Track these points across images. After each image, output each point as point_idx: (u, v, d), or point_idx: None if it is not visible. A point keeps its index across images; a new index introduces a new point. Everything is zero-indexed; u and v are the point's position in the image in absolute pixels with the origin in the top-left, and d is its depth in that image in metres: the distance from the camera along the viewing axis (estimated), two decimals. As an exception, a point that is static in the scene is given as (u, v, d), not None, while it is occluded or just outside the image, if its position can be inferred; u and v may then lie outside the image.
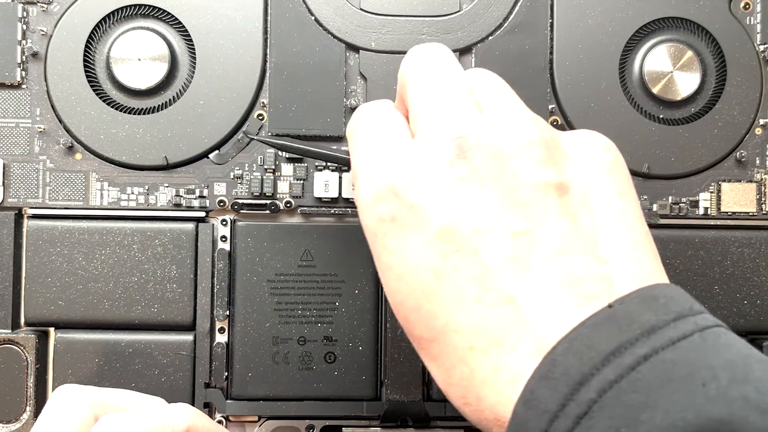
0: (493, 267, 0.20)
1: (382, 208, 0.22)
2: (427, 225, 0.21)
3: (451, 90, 0.23)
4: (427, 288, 0.21)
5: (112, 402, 0.28)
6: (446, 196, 0.21)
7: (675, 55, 0.35)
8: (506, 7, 0.35)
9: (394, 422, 0.34)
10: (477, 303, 0.20)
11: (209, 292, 0.34)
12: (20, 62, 0.34)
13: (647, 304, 0.19)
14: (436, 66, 0.24)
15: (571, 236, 0.20)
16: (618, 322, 0.18)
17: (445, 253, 0.20)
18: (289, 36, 0.34)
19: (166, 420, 0.27)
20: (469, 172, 0.21)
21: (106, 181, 0.34)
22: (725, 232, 0.35)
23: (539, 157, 0.21)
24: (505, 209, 0.20)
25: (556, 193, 0.21)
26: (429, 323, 0.21)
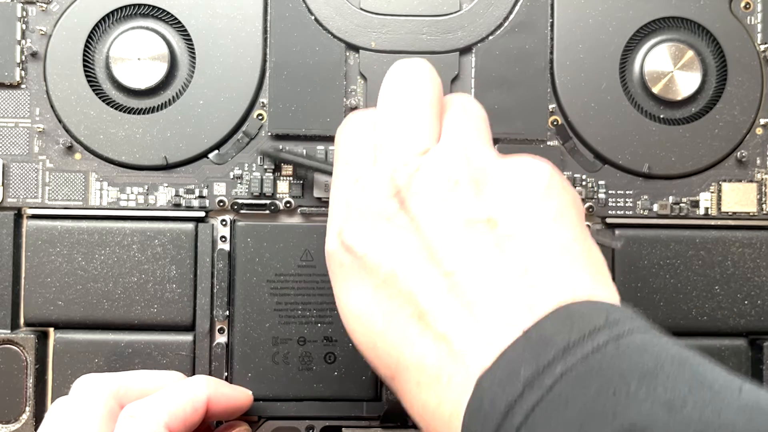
0: (428, 306, 0.21)
1: (340, 256, 0.24)
2: (374, 273, 0.22)
3: (407, 123, 0.24)
4: (378, 328, 0.22)
5: (133, 386, 0.29)
6: (388, 247, 0.22)
7: (675, 54, 0.35)
8: (506, 7, 0.35)
9: (394, 422, 0.34)
10: (418, 340, 0.21)
11: (209, 293, 0.34)
12: (19, 62, 0.34)
13: (561, 325, 0.19)
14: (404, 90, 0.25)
15: (499, 268, 0.21)
16: (534, 347, 0.19)
17: (390, 296, 0.22)
18: (289, 36, 0.34)
19: (186, 397, 0.28)
20: (407, 221, 0.22)
21: (106, 181, 0.34)
22: (726, 232, 0.35)
23: (467, 195, 0.22)
24: (438, 251, 0.21)
25: (487, 228, 0.21)
26: (385, 361, 0.22)
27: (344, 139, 0.26)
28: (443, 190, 0.22)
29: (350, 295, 0.23)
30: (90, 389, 0.28)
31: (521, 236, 0.21)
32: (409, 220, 0.22)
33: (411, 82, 0.25)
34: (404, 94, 0.24)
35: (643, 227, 0.34)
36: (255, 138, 0.34)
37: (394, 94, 0.25)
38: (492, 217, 0.21)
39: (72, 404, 0.27)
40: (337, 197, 0.25)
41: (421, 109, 0.24)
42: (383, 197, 0.23)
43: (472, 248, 0.21)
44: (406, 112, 0.24)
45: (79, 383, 0.28)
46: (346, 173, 0.25)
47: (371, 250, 0.22)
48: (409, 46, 0.34)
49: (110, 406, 0.27)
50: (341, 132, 0.27)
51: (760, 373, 0.34)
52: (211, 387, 0.29)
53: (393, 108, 0.24)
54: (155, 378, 0.30)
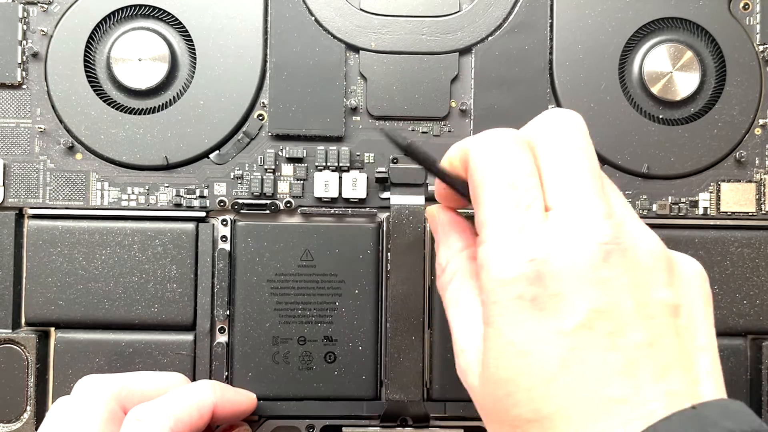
0: (615, 369, 0.21)
1: (525, 288, 0.22)
2: (566, 316, 0.22)
3: (594, 180, 0.24)
4: (548, 373, 0.22)
5: (136, 388, 0.29)
6: (589, 295, 0.22)
7: (675, 55, 0.35)
8: (506, 7, 0.35)
9: (394, 422, 0.34)
10: (593, 396, 0.21)
11: (209, 292, 0.34)
12: (20, 62, 0.34)
13: (726, 413, 0.21)
14: (581, 144, 0.25)
15: (676, 355, 0.22)
16: (700, 422, 0.20)
17: (575, 347, 0.22)
18: (289, 36, 0.34)
19: (193, 402, 0.28)
20: (612, 277, 0.22)
21: (107, 181, 0.34)
22: (725, 232, 0.35)
23: (664, 276, 0.23)
24: (635, 319, 0.22)
25: (672, 313, 0.23)
26: (538, 405, 0.22)
27: (503, 159, 0.24)
28: (646, 263, 0.23)
29: (522, 330, 0.22)
30: (92, 390, 0.28)
31: (693, 330, 0.23)
32: (613, 277, 0.22)
33: (583, 135, 0.25)
34: (582, 147, 0.24)
35: (643, 227, 0.35)
36: (255, 138, 0.35)
37: (571, 142, 0.24)
38: (679, 305, 0.23)
39: (73, 404, 0.27)
40: (505, 220, 0.23)
41: (597, 164, 0.24)
42: (589, 243, 0.22)
43: (661, 328, 0.22)
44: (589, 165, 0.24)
45: (81, 383, 0.28)
46: (513, 197, 0.24)
47: (571, 292, 0.22)
48: (409, 47, 0.35)
49: (111, 407, 0.27)
50: (493, 149, 0.25)
51: (760, 373, 0.34)
52: (217, 393, 0.29)
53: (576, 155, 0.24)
54: (157, 379, 0.30)
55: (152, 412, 0.27)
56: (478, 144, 0.25)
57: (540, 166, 0.24)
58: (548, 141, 0.25)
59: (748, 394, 0.34)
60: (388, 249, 0.34)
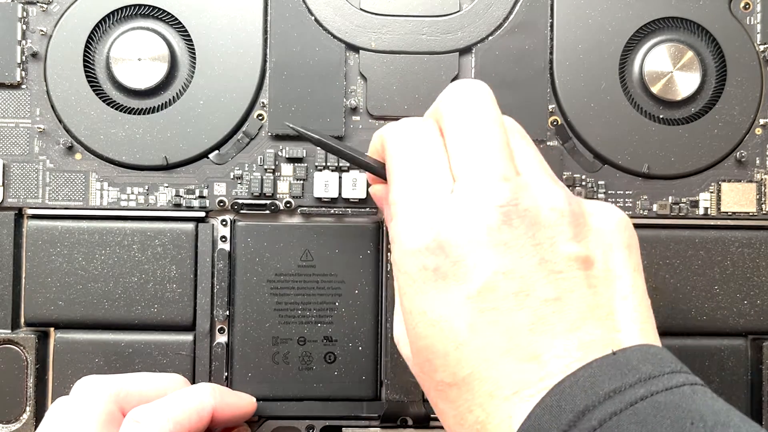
0: (524, 327, 0.22)
1: (427, 258, 0.23)
2: (469, 281, 0.22)
3: (494, 145, 0.24)
4: (459, 337, 0.22)
5: (135, 390, 0.29)
6: (491, 258, 0.22)
7: (675, 55, 0.35)
8: (506, 7, 0.35)
9: (394, 422, 0.34)
10: (504, 356, 0.22)
11: (209, 292, 0.34)
12: (20, 62, 0.34)
13: (646, 357, 0.21)
14: (481, 112, 0.25)
15: (591, 306, 0.22)
16: (620, 368, 0.21)
17: (483, 309, 0.22)
18: (289, 36, 0.34)
19: (192, 406, 0.28)
20: (512, 238, 0.22)
21: (106, 181, 0.34)
22: (725, 232, 0.35)
23: (570, 232, 0.23)
24: (540, 276, 0.22)
25: (583, 266, 0.23)
26: (454, 369, 0.22)
27: (410, 140, 0.25)
28: (549, 220, 0.23)
29: (429, 299, 0.23)
30: (91, 391, 0.28)
31: (611, 280, 0.23)
32: (513, 238, 0.22)
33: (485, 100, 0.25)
34: (482, 115, 0.25)
35: (643, 227, 0.34)
36: (255, 138, 0.34)
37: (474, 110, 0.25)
38: (590, 257, 0.23)
39: (72, 405, 0.27)
40: (412, 195, 0.24)
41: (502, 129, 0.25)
42: (486, 207, 0.23)
43: (571, 282, 0.22)
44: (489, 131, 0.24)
45: (80, 384, 0.28)
46: (419, 172, 0.24)
47: (472, 257, 0.22)
48: (409, 47, 0.34)
49: (110, 409, 0.27)
50: (402, 131, 0.26)
51: (760, 373, 0.34)
52: (217, 396, 0.29)
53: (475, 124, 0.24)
54: (156, 381, 0.30)
55: (151, 414, 0.27)
56: (389, 130, 0.26)
57: (446, 140, 0.25)
58: (448, 114, 0.25)
59: (749, 394, 0.34)
60: (388, 249, 0.34)
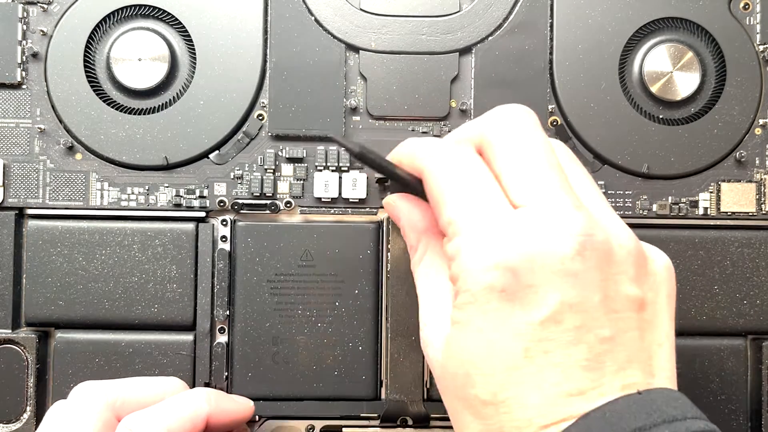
0: (577, 362, 0.22)
1: (495, 279, 0.23)
2: (536, 308, 0.22)
3: (557, 172, 0.24)
4: (511, 361, 0.22)
5: (132, 396, 0.28)
6: (559, 288, 0.22)
7: (675, 55, 0.35)
8: (506, 7, 0.35)
9: (394, 422, 0.34)
10: (554, 388, 0.22)
11: (209, 292, 0.34)
12: (20, 62, 0.34)
13: (669, 401, 0.22)
14: (537, 138, 0.25)
15: (638, 349, 0.23)
16: (645, 407, 0.21)
17: (542, 338, 0.22)
18: (289, 36, 0.34)
19: (186, 413, 0.27)
20: (583, 270, 0.22)
21: (106, 181, 0.34)
22: (725, 232, 0.35)
23: (633, 272, 0.23)
24: (601, 314, 0.22)
25: (637, 308, 0.23)
26: (495, 390, 0.22)
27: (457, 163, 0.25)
28: (618, 257, 0.23)
29: (489, 319, 0.23)
30: (87, 398, 0.27)
31: (655, 325, 0.24)
32: (584, 270, 0.22)
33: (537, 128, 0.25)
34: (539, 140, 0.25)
35: (643, 227, 0.35)
36: (255, 138, 0.35)
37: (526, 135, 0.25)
38: (645, 301, 0.23)
39: (68, 412, 0.27)
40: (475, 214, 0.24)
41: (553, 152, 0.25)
42: (562, 235, 0.22)
43: (625, 322, 0.23)
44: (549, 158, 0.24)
45: (78, 390, 0.28)
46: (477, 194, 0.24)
47: (542, 285, 0.22)
48: (409, 47, 0.35)
49: (106, 417, 0.27)
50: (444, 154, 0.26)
51: (760, 373, 0.34)
52: (212, 402, 0.29)
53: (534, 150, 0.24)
54: (154, 386, 0.29)
55: (144, 421, 0.27)
56: (432, 151, 0.26)
57: (498, 166, 0.25)
58: (502, 140, 0.25)
59: (748, 394, 0.34)
60: (388, 249, 0.34)
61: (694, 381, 0.34)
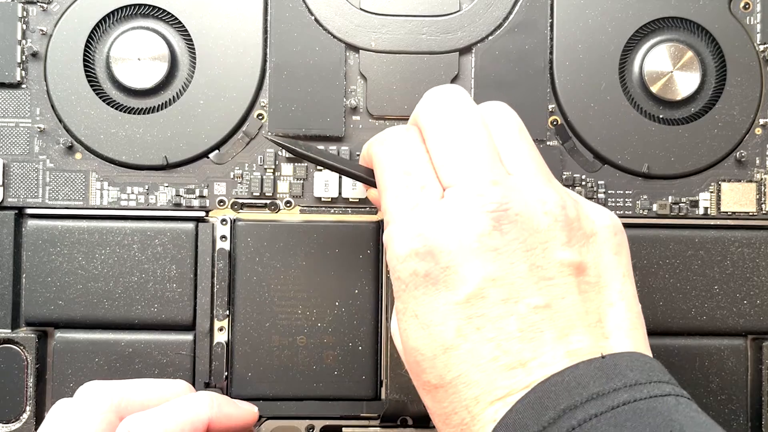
0: (512, 334, 0.22)
1: (417, 264, 0.23)
2: (458, 287, 0.22)
3: (478, 147, 0.24)
4: (447, 342, 0.22)
5: (137, 398, 0.28)
6: (480, 264, 0.22)
7: (675, 55, 0.35)
8: (506, 7, 0.35)
9: (393, 422, 0.34)
10: (492, 363, 0.22)
11: (209, 292, 0.34)
12: (20, 62, 0.34)
13: (634, 365, 0.21)
14: (459, 116, 0.25)
15: (581, 312, 0.22)
16: (606, 372, 0.21)
17: (471, 316, 0.22)
18: (289, 36, 0.34)
19: (187, 417, 0.27)
20: (503, 244, 0.22)
21: (106, 181, 0.34)
22: (725, 232, 0.35)
23: (564, 237, 0.23)
24: (530, 283, 0.22)
25: (575, 272, 0.23)
26: (441, 372, 0.23)
27: (396, 150, 0.26)
28: (542, 225, 0.23)
29: (419, 303, 0.23)
30: (91, 399, 0.27)
31: (601, 286, 0.23)
32: (503, 244, 0.22)
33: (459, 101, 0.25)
34: (461, 118, 0.25)
35: (643, 227, 0.35)
36: (255, 138, 0.35)
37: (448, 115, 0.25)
38: (583, 263, 0.23)
39: (71, 412, 0.27)
40: (402, 202, 0.24)
41: (482, 128, 0.25)
42: (476, 213, 0.23)
43: (562, 288, 0.22)
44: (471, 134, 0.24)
45: (83, 390, 0.28)
46: (407, 181, 0.25)
47: (461, 264, 0.22)
48: (409, 47, 0.35)
49: (109, 419, 0.27)
50: (387, 142, 0.26)
51: (760, 373, 0.34)
52: (214, 407, 0.28)
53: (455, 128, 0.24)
54: (159, 388, 0.29)
55: (143, 424, 0.26)
56: (375, 140, 0.27)
57: (429, 147, 0.25)
58: (426, 121, 0.25)
59: (748, 394, 0.34)
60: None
61: (694, 381, 0.34)
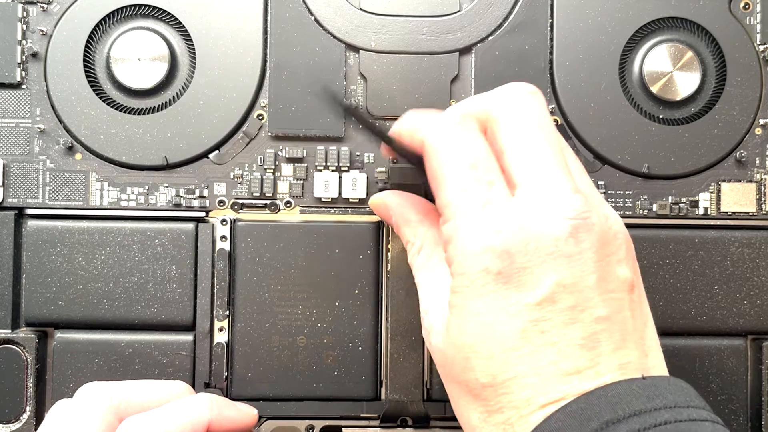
0: (574, 341, 0.22)
1: (491, 261, 0.23)
2: (531, 290, 0.22)
3: (559, 154, 0.24)
4: (508, 342, 0.22)
5: (137, 399, 0.28)
6: (554, 269, 0.22)
7: (675, 55, 0.35)
8: (506, 7, 0.35)
9: (393, 422, 0.34)
10: (551, 367, 0.22)
11: (209, 292, 0.34)
12: (20, 62, 0.34)
13: (674, 389, 0.22)
14: (543, 118, 0.25)
15: (631, 329, 0.23)
16: (648, 391, 0.21)
17: (538, 319, 0.22)
18: (289, 36, 0.34)
19: (186, 419, 0.27)
20: (577, 252, 0.23)
21: (106, 181, 0.34)
22: (725, 232, 0.35)
23: (625, 254, 0.24)
24: (597, 294, 0.23)
25: (629, 289, 0.24)
26: (494, 372, 0.23)
27: (460, 142, 0.25)
28: (611, 239, 0.24)
29: (485, 301, 0.23)
30: (91, 400, 0.27)
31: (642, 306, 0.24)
32: (578, 252, 0.23)
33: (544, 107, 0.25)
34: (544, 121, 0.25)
35: (643, 227, 0.35)
36: (255, 138, 0.35)
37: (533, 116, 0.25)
38: (634, 282, 0.24)
39: (71, 413, 0.27)
40: (471, 197, 0.24)
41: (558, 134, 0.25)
42: (556, 218, 0.23)
43: (619, 303, 0.23)
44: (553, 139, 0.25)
45: (83, 390, 0.28)
46: (475, 175, 0.24)
47: (536, 267, 0.22)
48: (409, 47, 0.35)
49: (109, 420, 0.27)
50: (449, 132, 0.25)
51: (760, 373, 0.34)
52: (214, 410, 0.28)
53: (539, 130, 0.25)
54: (159, 390, 0.29)
55: (143, 425, 0.26)
56: (434, 128, 0.26)
57: (501, 143, 0.25)
58: (508, 118, 0.25)
59: (748, 394, 0.34)
60: (388, 249, 0.34)
61: (694, 381, 0.34)
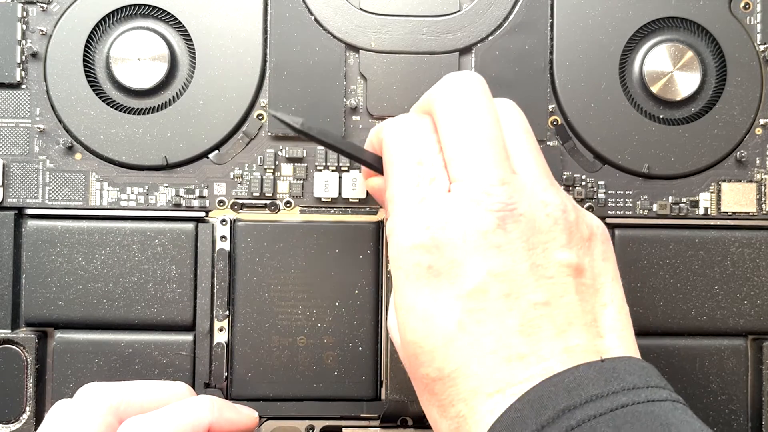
0: (512, 329, 0.22)
1: (422, 256, 0.23)
2: (461, 281, 0.23)
3: (490, 144, 0.24)
4: (447, 335, 0.23)
5: (135, 400, 0.28)
6: (483, 260, 0.23)
7: (675, 55, 0.35)
8: (506, 7, 0.35)
9: (393, 422, 0.34)
10: (491, 356, 0.22)
11: (209, 292, 0.34)
12: (20, 62, 0.34)
13: (633, 369, 0.22)
14: (475, 108, 0.25)
15: (578, 312, 0.23)
16: (605, 375, 0.21)
17: (472, 309, 0.23)
18: (289, 36, 0.34)
19: (187, 421, 0.27)
20: (506, 242, 0.23)
21: (106, 181, 0.34)
22: (725, 232, 0.35)
23: (564, 239, 0.24)
24: (531, 280, 0.23)
25: (574, 273, 0.23)
26: (440, 365, 0.23)
27: (410, 139, 0.26)
28: (544, 226, 0.24)
29: (421, 295, 0.23)
30: (91, 400, 0.27)
31: (595, 289, 0.24)
32: (507, 242, 0.23)
33: (479, 94, 0.25)
34: (476, 111, 0.25)
35: (643, 227, 0.35)
36: (255, 138, 0.34)
37: (466, 107, 0.25)
38: (581, 265, 0.24)
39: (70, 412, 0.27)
40: (411, 194, 0.25)
41: (497, 125, 0.25)
42: (482, 211, 0.23)
43: (561, 287, 0.23)
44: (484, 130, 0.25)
45: (83, 391, 0.28)
46: (419, 172, 0.25)
47: (466, 258, 0.23)
48: (409, 47, 0.34)
49: (108, 421, 0.27)
50: (401, 130, 0.26)
51: (760, 373, 0.34)
52: (215, 412, 0.28)
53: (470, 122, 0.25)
54: (160, 391, 0.29)
55: (143, 427, 0.26)
56: (387, 126, 0.27)
57: (441, 137, 0.25)
58: (441, 110, 0.25)
59: (748, 394, 0.34)
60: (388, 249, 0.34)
61: (694, 381, 0.34)
